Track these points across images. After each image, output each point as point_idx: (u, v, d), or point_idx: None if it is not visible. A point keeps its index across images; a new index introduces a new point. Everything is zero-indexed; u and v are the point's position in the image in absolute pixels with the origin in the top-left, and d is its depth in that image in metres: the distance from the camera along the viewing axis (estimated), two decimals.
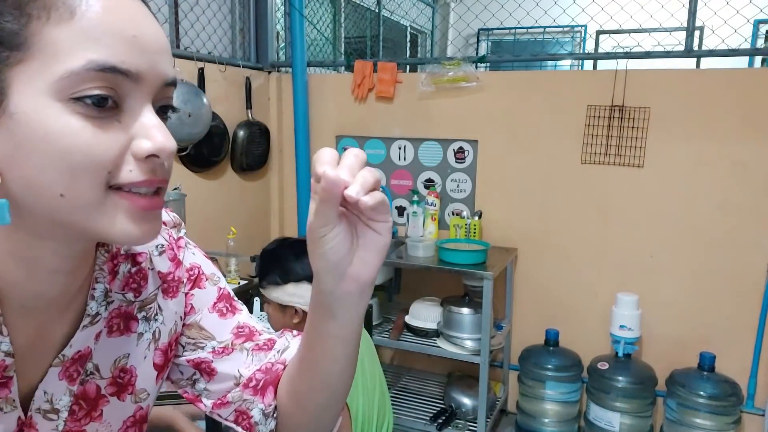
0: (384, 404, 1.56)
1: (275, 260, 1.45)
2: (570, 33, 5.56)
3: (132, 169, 0.44)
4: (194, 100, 2.41)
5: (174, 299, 0.63)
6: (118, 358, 0.57)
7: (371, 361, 1.55)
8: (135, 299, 0.59)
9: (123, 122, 0.43)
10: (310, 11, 3.56)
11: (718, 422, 2.26)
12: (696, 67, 2.95)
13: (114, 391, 0.57)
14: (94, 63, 0.40)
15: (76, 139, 0.40)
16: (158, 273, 0.61)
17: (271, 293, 1.45)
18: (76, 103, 0.40)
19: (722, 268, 2.41)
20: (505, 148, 2.72)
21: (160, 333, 0.61)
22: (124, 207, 0.44)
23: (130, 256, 0.59)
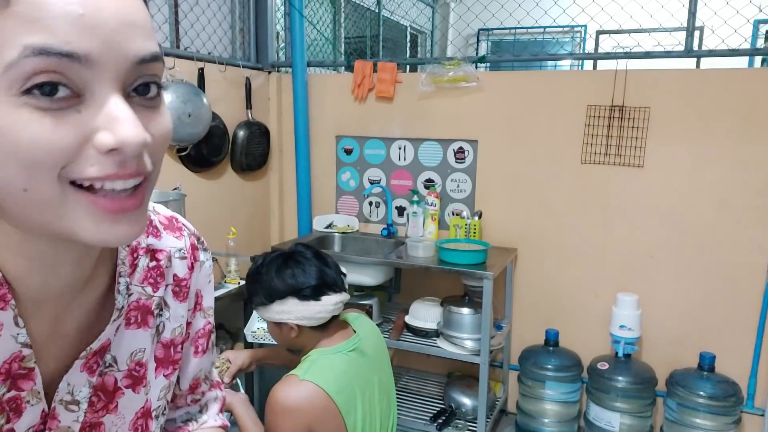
0: (389, 409, 1.55)
1: (258, 281, 1.45)
2: (570, 33, 5.56)
3: (93, 164, 0.40)
4: (194, 100, 2.41)
5: (183, 303, 0.64)
6: (134, 351, 0.58)
7: (377, 366, 1.52)
8: (153, 294, 0.60)
9: (83, 113, 0.39)
10: (310, 11, 3.56)
11: (718, 422, 2.26)
12: (696, 67, 2.96)
13: (129, 384, 0.58)
14: (30, 48, 0.36)
15: (26, 132, 0.37)
16: (174, 275, 0.62)
17: (263, 314, 1.45)
18: (26, 95, 0.37)
19: (722, 268, 2.41)
20: (505, 148, 2.72)
21: (164, 327, 0.62)
22: (85, 207, 0.41)
23: (150, 251, 0.60)
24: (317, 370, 1.35)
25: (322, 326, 1.44)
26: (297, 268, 1.41)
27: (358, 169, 3.07)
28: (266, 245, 3.14)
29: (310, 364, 1.37)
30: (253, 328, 2.09)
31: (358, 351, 1.45)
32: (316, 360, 1.38)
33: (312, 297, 1.39)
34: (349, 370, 1.41)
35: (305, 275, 1.40)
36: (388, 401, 1.55)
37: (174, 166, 2.51)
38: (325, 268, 1.44)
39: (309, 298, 1.39)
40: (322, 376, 1.33)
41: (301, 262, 1.43)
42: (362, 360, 1.46)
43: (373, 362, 1.51)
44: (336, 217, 3.10)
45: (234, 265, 2.26)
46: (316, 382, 1.31)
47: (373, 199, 3.08)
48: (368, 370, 1.47)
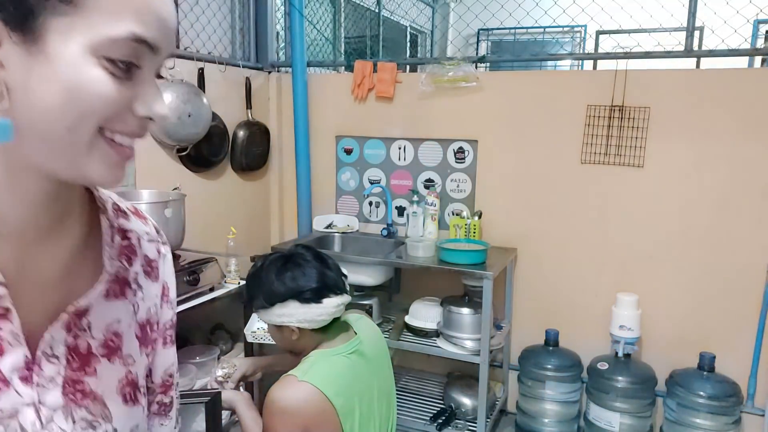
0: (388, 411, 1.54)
1: (258, 284, 1.43)
2: (570, 33, 5.56)
3: (128, 124, 0.50)
4: (194, 100, 2.41)
5: (155, 283, 0.67)
6: (111, 322, 0.60)
7: (377, 369, 1.51)
8: (129, 268, 0.63)
9: (134, 82, 0.49)
10: (310, 11, 3.56)
11: (717, 422, 2.26)
12: (696, 67, 2.95)
13: (105, 353, 0.59)
14: (134, 35, 0.47)
15: (100, 88, 0.46)
16: (144, 255, 0.66)
17: (263, 317, 1.44)
18: (108, 61, 0.47)
19: (722, 268, 2.41)
20: (505, 148, 2.72)
21: (139, 307, 0.64)
22: (106, 153, 0.50)
23: (121, 231, 0.64)
24: (316, 371, 1.34)
25: (323, 328, 1.43)
26: (297, 271, 1.39)
27: (358, 169, 3.07)
28: (266, 245, 3.14)
29: (309, 366, 1.35)
30: (253, 329, 2.09)
31: (358, 353, 1.44)
32: (316, 361, 1.37)
33: (313, 300, 1.37)
34: (349, 373, 1.40)
35: (306, 278, 1.38)
36: (388, 403, 1.54)
37: (174, 166, 2.51)
38: (326, 270, 1.42)
39: (310, 301, 1.37)
40: (320, 378, 1.32)
41: (302, 264, 1.41)
42: (362, 362, 1.45)
43: (374, 365, 1.50)
44: (336, 217, 3.10)
45: (234, 266, 2.26)
46: (314, 383, 1.30)
47: (373, 199, 3.08)
48: (368, 373, 1.46)
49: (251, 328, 2.08)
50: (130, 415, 0.60)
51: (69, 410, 0.55)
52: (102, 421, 0.57)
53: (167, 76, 2.35)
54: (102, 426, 0.57)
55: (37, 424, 0.52)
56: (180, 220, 2.08)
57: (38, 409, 0.52)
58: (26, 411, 0.51)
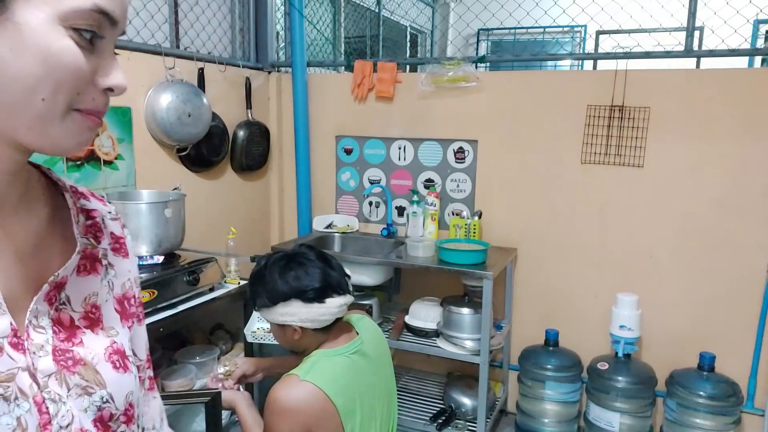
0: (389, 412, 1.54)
1: (261, 283, 1.43)
2: (570, 33, 5.56)
3: (95, 99, 0.52)
4: (194, 100, 2.41)
5: (125, 259, 0.68)
6: (88, 295, 0.62)
7: (378, 369, 1.52)
8: (98, 245, 0.65)
9: (96, 55, 0.51)
10: (310, 11, 3.56)
11: (717, 422, 2.26)
12: (696, 67, 2.96)
13: (87, 324, 0.60)
14: (97, 6, 0.49)
15: (72, 57, 0.48)
16: (111, 233, 0.67)
17: (266, 316, 1.44)
18: (74, 32, 0.48)
19: (722, 268, 2.41)
20: (505, 148, 2.72)
21: (113, 284, 0.66)
22: (80, 122, 0.51)
23: (84, 211, 0.65)
24: (318, 371, 1.34)
25: (325, 328, 1.43)
26: (301, 270, 1.39)
27: (358, 169, 3.07)
28: (266, 245, 3.14)
29: (311, 365, 1.35)
30: (253, 328, 2.09)
31: (360, 353, 1.44)
32: (318, 361, 1.37)
33: (316, 299, 1.37)
34: (350, 373, 1.40)
35: (309, 277, 1.38)
36: (389, 404, 1.54)
37: (174, 166, 2.51)
38: (329, 270, 1.42)
39: (313, 301, 1.37)
40: (322, 378, 1.32)
41: (305, 263, 1.40)
42: (364, 362, 1.45)
43: (375, 365, 1.50)
44: (336, 217, 3.10)
45: (234, 265, 2.25)
46: (316, 383, 1.30)
47: (373, 199, 3.08)
48: (369, 373, 1.46)
49: (251, 328, 2.08)
50: (123, 381, 0.61)
51: (62, 376, 0.55)
52: (96, 387, 0.58)
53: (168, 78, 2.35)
54: (97, 392, 0.58)
55: (34, 387, 0.52)
56: (180, 220, 2.08)
57: (33, 373, 0.53)
58: (22, 375, 0.52)
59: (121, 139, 2.22)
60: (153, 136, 2.36)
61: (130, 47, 2.22)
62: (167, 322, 1.82)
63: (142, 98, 2.29)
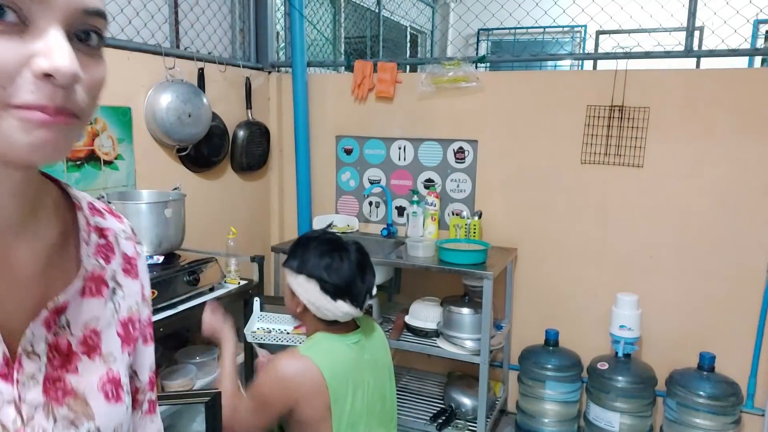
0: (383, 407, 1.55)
1: (302, 249, 1.49)
2: (570, 33, 5.56)
3: (31, 91, 0.43)
4: (194, 100, 2.41)
5: (135, 280, 0.66)
6: (89, 319, 0.59)
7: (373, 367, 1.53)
8: (105, 266, 0.62)
9: (26, 40, 0.43)
10: (310, 11, 3.56)
11: (717, 422, 2.26)
12: (696, 68, 2.96)
13: (85, 350, 0.58)
14: None
15: None
16: (123, 253, 0.65)
17: (288, 277, 1.50)
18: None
19: (722, 268, 2.41)
20: (505, 148, 2.72)
21: (120, 306, 0.64)
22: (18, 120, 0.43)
23: (98, 229, 0.63)
24: (317, 349, 1.41)
25: (326, 321, 1.48)
26: (337, 262, 1.44)
27: (358, 169, 3.07)
28: (266, 245, 3.14)
29: (313, 344, 1.43)
30: (253, 328, 2.09)
31: (359, 346, 1.49)
32: (319, 341, 1.44)
33: (329, 294, 1.42)
34: (348, 360, 1.45)
35: (337, 274, 1.43)
36: (382, 401, 1.55)
37: (174, 166, 2.51)
38: (358, 281, 1.46)
39: (327, 293, 1.42)
40: (320, 356, 1.39)
41: (344, 260, 1.45)
42: (362, 356, 1.49)
43: (371, 362, 1.52)
44: (336, 217, 3.10)
45: (234, 265, 2.25)
46: (313, 359, 1.37)
47: (373, 199, 3.08)
48: (366, 370, 1.49)
49: (251, 328, 2.08)
50: (113, 413, 0.59)
51: (50, 408, 0.54)
52: (84, 419, 0.56)
53: (168, 78, 2.35)
54: (84, 425, 0.56)
55: (18, 421, 0.51)
56: (180, 220, 2.08)
57: (19, 406, 0.51)
58: (7, 408, 0.50)
59: (121, 139, 2.22)
60: (153, 136, 2.36)
61: (130, 47, 2.22)
62: (167, 322, 1.82)
63: (142, 98, 2.29)
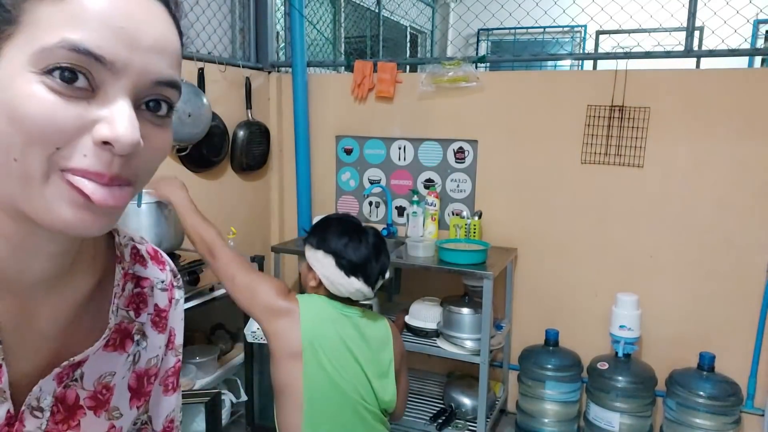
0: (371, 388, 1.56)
1: (323, 228, 1.59)
2: (570, 33, 5.56)
3: (87, 155, 0.43)
4: (194, 100, 2.41)
5: (161, 335, 0.64)
6: (104, 374, 0.57)
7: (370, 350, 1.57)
8: (135, 319, 0.60)
9: (92, 105, 0.43)
10: (310, 11, 3.56)
11: (717, 422, 2.26)
12: (696, 68, 2.95)
13: (92, 405, 0.57)
14: (66, 42, 0.41)
15: (38, 104, 0.41)
16: (155, 305, 0.63)
17: (307, 252, 1.59)
18: (47, 75, 0.41)
19: (722, 268, 2.41)
20: (505, 148, 2.72)
21: (140, 357, 0.62)
22: (67, 192, 0.43)
23: (136, 278, 0.61)
24: (310, 300, 1.53)
25: (336, 297, 1.56)
26: (355, 241, 1.54)
27: (358, 169, 3.07)
28: (266, 245, 3.14)
29: (309, 295, 1.56)
30: (253, 328, 2.09)
31: (351, 320, 1.55)
32: (314, 297, 1.55)
33: (344, 269, 1.52)
34: (336, 322, 1.52)
35: (354, 251, 1.52)
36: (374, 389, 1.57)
37: (174, 166, 2.51)
38: (373, 261, 1.55)
39: (342, 269, 1.52)
40: (308, 307, 1.50)
41: (362, 240, 1.55)
42: (349, 325, 1.55)
43: (362, 341, 1.55)
44: None
45: None
46: (300, 305, 1.49)
47: (373, 199, 3.08)
48: (349, 338, 1.53)
49: (251, 328, 2.08)
50: None
51: None
52: None
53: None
54: None
55: None
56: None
57: None
58: None
59: None
60: None
61: None
62: None
63: None
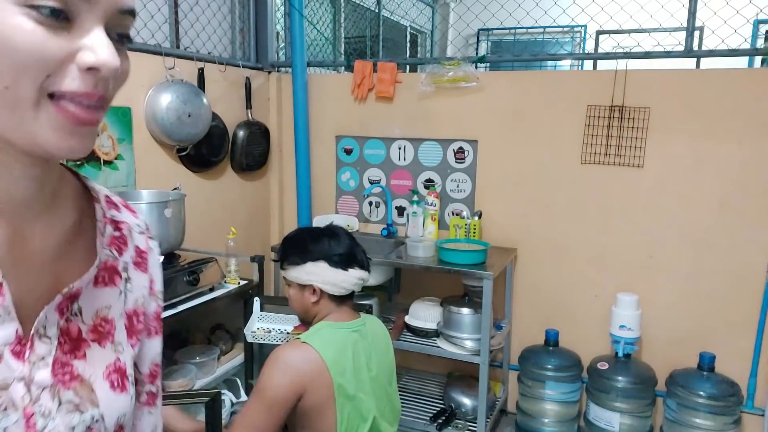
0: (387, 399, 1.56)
1: (295, 244, 1.57)
2: (570, 33, 5.56)
3: (75, 79, 0.47)
4: (194, 100, 2.41)
5: (144, 274, 0.67)
6: (101, 308, 0.61)
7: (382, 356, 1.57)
8: (119, 257, 0.64)
9: (72, 35, 0.47)
10: (310, 11, 3.56)
11: (717, 422, 2.26)
12: (696, 68, 2.95)
13: (95, 338, 0.60)
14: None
15: (27, 37, 0.44)
16: (135, 246, 0.67)
17: (291, 273, 1.54)
18: (32, 9, 0.44)
19: (722, 268, 2.41)
20: (505, 148, 2.72)
21: (127, 298, 0.65)
22: (53, 116, 0.47)
23: (113, 222, 0.64)
24: (318, 336, 1.45)
25: (339, 298, 1.54)
26: (333, 239, 1.54)
27: (358, 169, 3.07)
28: (266, 245, 3.14)
29: (314, 332, 1.48)
30: (253, 328, 2.09)
31: (361, 334, 1.53)
32: (321, 329, 1.49)
33: (341, 265, 1.51)
34: (348, 344, 1.48)
35: (339, 245, 1.53)
36: (389, 385, 1.59)
37: (174, 166, 2.51)
38: (355, 246, 1.57)
39: (338, 265, 1.51)
40: (321, 341, 1.43)
41: (337, 234, 1.56)
42: (362, 339, 1.53)
43: (373, 349, 1.55)
44: (336, 217, 3.10)
45: (234, 265, 2.25)
46: (314, 345, 1.41)
47: (373, 199, 3.08)
48: (366, 352, 1.52)
49: (251, 328, 2.08)
50: (118, 402, 0.60)
51: (56, 390, 0.54)
52: (89, 405, 0.57)
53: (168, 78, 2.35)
54: (89, 410, 0.57)
55: (27, 398, 0.52)
56: (180, 220, 2.08)
57: (28, 384, 0.52)
58: (17, 385, 0.51)
59: (121, 139, 2.22)
60: (153, 136, 2.36)
61: (130, 47, 2.22)
62: (167, 322, 1.82)
63: (142, 98, 2.29)
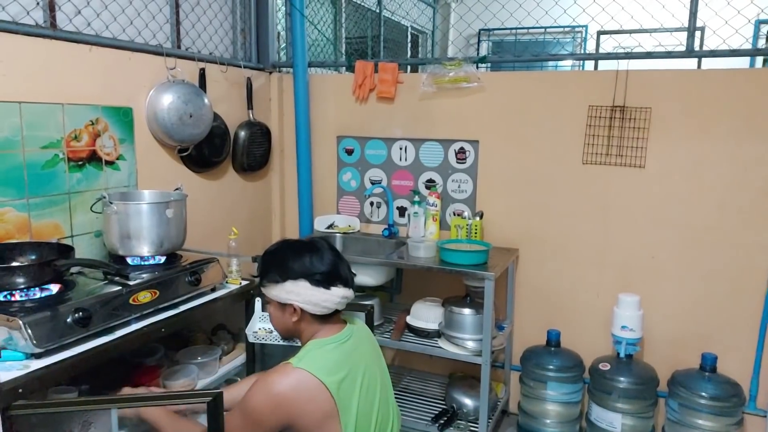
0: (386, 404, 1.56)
1: (275, 260, 1.49)
2: (571, 33, 5.56)
3: None
4: (195, 100, 2.41)
5: None
6: None
7: (373, 361, 1.55)
8: None
9: None
10: (311, 12, 3.56)
11: (719, 423, 2.25)
12: (697, 68, 2.96)
13: None
14: None
15: None
16: None
17: (271, 291, 1.48)
18: None
19: (724, 269, 2.41)
20: (506, 148, 2.72)
21: None
22: None
23: None
24: (310, 358, 1.40)
25: (322, 317, 1.47)
26: (315, 255, 1.46)
27: (359, 170, 3.07)
28: (267, 245, 3.13)
29: (304, 353, 1.42)
30: (255, 328, 2.08)
31: (352, 341, 1.50)
32: (311, 350, 1.43)
33: (322, 284, 1.43)
34: (342, 355, 1.45)
35: (321, 262, 1.45)
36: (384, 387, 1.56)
37: (175, 167, 2.51)
38: (339, 262, 1.49)
39: (320, 284, 1.43)
40: (313, 363, 1.38)
41: (319, 250, 1.48)
42: (355, 347, 1.50)
43: (365, 353, 1.53)
44: (337, 218, 3.10)
45: (235, 266, 2.25)
46: (307, 368, 1.36)
47: (374, 199, 3.08)
48: (360, 359, 1.49)
49: (253, 328, 2.08)
50: None
51: None
52: None
53: (170, 78, 2.35)
54: None
55: None
56: (181, 220, 2.08)
57: None
58: None
59: (123, 140, 2.22)
60: (154, 136, 2.36)
61: (131, 48, 2.22)
62: (169, 323, 1.82)
63: (144, 99, 2.29)
